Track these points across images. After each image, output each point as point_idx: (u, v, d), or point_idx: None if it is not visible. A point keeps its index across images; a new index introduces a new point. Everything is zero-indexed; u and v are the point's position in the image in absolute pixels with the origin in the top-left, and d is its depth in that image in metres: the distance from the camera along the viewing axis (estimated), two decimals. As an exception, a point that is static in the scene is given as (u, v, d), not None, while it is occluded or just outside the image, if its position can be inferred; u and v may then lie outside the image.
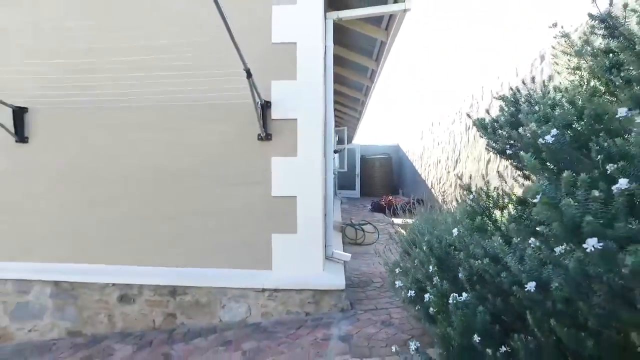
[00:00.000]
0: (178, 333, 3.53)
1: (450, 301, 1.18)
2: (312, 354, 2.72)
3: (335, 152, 8.94)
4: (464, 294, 1.19)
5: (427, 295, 1.30)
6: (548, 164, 1.18)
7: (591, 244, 0.86)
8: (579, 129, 1.25)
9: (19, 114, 3.77)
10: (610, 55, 1.46)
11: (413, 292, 1.38)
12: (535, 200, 1.01)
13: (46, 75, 3.69)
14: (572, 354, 0.97)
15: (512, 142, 1.48)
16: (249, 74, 2.81)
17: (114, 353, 3.28)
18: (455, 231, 1.40)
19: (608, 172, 1.01)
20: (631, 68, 1.32)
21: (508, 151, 1.49)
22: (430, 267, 1.43)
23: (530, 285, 1.01)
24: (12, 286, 3.80)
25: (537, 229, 1.11)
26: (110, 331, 3.75)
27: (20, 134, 3.80)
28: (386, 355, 1.98)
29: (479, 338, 1.08)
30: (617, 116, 1.12)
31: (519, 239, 1.17)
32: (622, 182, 0.91)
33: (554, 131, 1.13)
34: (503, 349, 1.05)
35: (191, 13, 3.61)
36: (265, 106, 3.48)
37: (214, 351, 3.04)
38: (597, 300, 0.90)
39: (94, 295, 3.74)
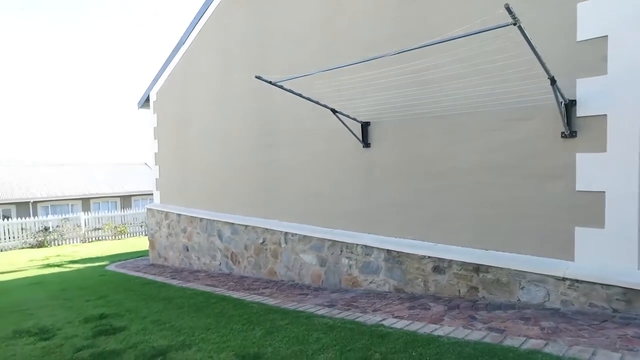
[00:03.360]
0: (480, 304, 4.17)
1: None
2: (618, 345, 2.82)
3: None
4: None
5: None
6: None
7: None
8: None
9: (365, 127, 5.30)
10: None
11: None
12: None
13: (382, 99, 5.01)
14: None
15: None
16: (552, 81, 3.12)
17: (430, 308, 4.22)
18: None
19: None
20: None
21: None
22: None
23: None
24: (361, 250, 5.39)
25: None
26: (425, 293, 4.77)
27: (365, 141, 5.32)
28: None
29: None
30: None
31: None
32: None
33: None
34: None
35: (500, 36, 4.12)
36: (570, 105, 3.64)
37: (513, 322, 3.51)
38: None
39: (414, 263, 4.85)
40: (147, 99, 10.33)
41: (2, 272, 11.85)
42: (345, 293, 5.26)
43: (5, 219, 19.55)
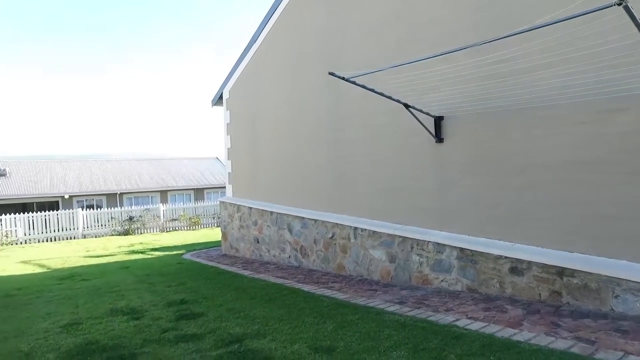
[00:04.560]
0: (564, 310, 3.88)
1: None
2: None
3: None
4: None
5: None
6: None
7: None
8: None
9: (438, 121, 5.14)
10: None
11: None
12: None
13: (457, 93, 4.81)
14: None
15: None
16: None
17: (507, 311, 4.01)
18: None
19: None
20: None
21: None
22: None
23: None
24: (432, 247, 5.25)
25: None
26: (500, 294, 4.53)
27: (438, 136, 5.17)
28: None
29: None
30: None
31: None
32: None
33: None
34: None
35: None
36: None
37: (607, 334, 3.22)
38: None
39: (489, 263, 4.62)
40: (221, 97, 10.82)
41: (99, 256, 13.19)
42: (415, 290, 5.17)
43: (98, 209, 21.58)
